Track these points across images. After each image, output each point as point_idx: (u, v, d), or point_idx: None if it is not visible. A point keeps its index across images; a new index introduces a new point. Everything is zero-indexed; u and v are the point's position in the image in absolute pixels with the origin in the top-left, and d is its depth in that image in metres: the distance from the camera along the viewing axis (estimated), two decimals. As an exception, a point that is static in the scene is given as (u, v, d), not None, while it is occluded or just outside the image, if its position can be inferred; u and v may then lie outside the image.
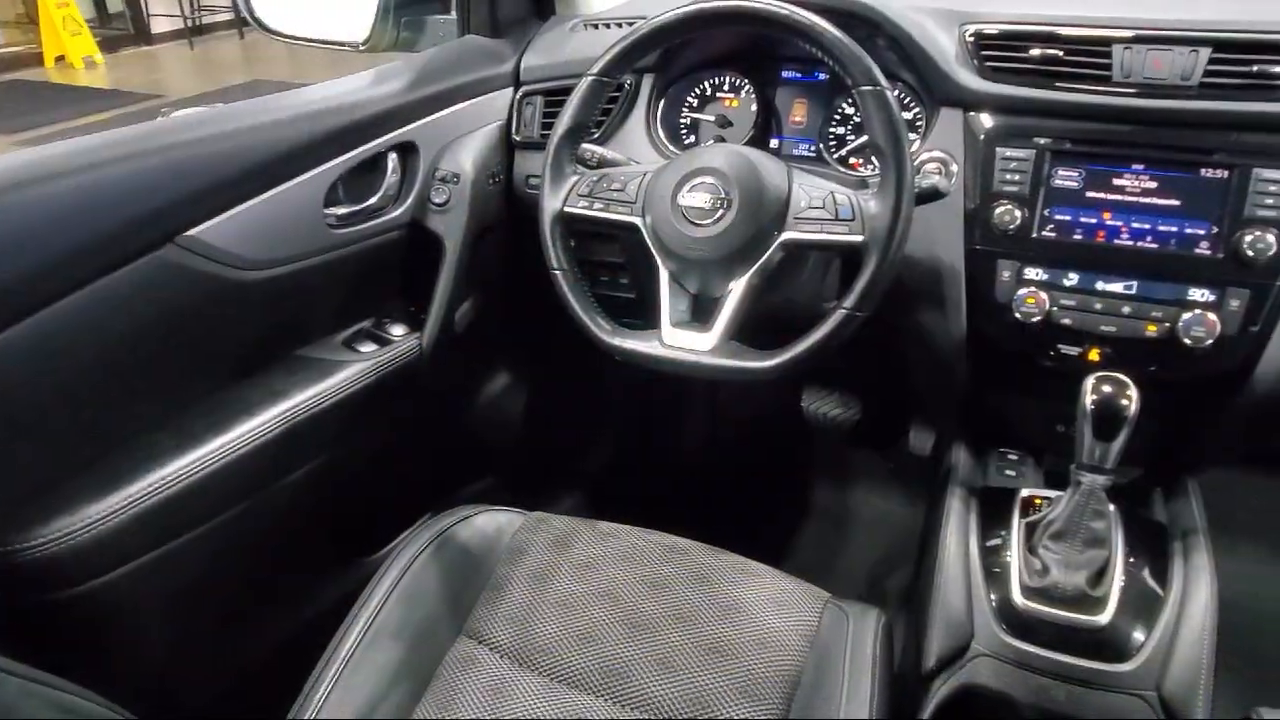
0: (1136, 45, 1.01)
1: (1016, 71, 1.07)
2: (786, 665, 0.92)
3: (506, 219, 1.38)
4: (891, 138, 0.92)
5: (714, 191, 0.98)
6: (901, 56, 1.14)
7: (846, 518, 1.76)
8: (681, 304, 1.04)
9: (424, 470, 1.48)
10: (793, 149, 1.29)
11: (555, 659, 0.93)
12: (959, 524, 1.08)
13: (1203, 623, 0.95)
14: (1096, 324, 1.03)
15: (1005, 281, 1.07)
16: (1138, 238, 1.02)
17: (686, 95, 1.34)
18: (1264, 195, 0.96)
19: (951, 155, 1.11)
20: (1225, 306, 0.98)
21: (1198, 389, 1.06)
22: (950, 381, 1.20)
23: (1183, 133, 1.01)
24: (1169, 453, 1.18)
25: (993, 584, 1.01)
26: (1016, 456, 1.23)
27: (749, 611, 0.97)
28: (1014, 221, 1.05)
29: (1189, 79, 0.99)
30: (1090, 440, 0.92)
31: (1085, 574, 0.95)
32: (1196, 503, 1.13)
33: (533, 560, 1.04)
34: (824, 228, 0.95)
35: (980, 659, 0.96)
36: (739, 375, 0.98)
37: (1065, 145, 1.04)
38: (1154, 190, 1.01)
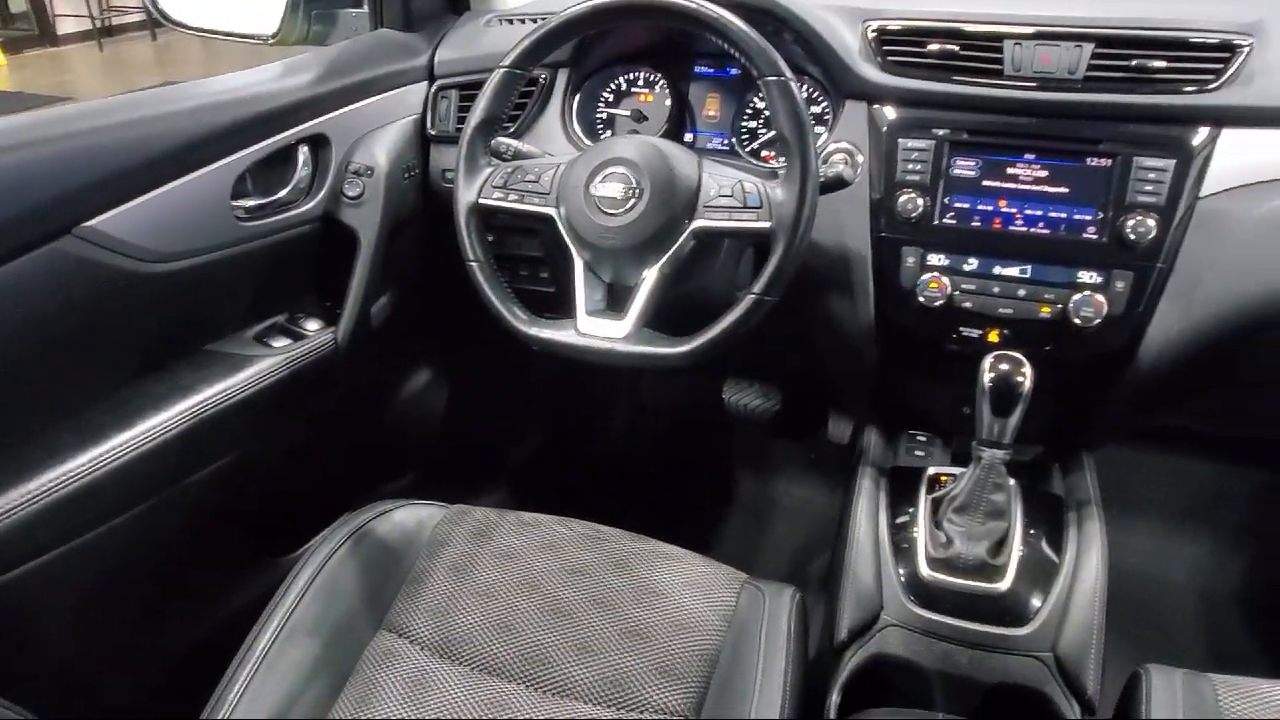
0: (1026, 41, 1.06)
1: (916, 66, 1.11)
2: (705, 645, 0.93)
3: (423, 213, 1.37)
4: (795, 127, 0.95)
5: (626, 181, 0.99)
6: (808, 51, 1.17)
7: (769, 506, 1.80)
8: (597, 293, 1.05)
9: (344, 467, 1.46)
10: (707, 143, 1.32)
11: (476, 649, 0.93)
12: (869, 503, 1.11)
13: (1094, 587, 1.00)
14: (995, 307, 1.08)
15: (909, 267, 1.11)
16: (1031, 224, 1.07)
17: (602, 90, 1.36)
18: (1143, 182, 1.02)
19: (857, 146, 1.14)
20: (1111, 288, 1.04)
21: (1089, 367, 1.12)
22: (861, 366, 1.23)
23: (1070, 124, 1.06)
24: (1066, 430, 1.24)
25: (901, 558, 1.04)
26: (926, 438, 1.27)
27: (668, 594, 0.98)
28: (916, 210, 1.09)
29: (1075, 73, 1.04)
30: (989, 416, 0.96)
31: (986, 544, 0.99)
32: (1091, 477, 1.19)
33: (453, 552, 1.04)
34: (733, 215, 0.98)
35: (889, 629, 0.99)
36: (652, 362, 1.00)
37: (963, 136, 1.09)
38: (1045, 178, 1.06)
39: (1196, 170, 1.01)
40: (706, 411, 1.84)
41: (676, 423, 1.95)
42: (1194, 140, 1.02)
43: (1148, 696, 0.85)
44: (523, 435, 1.93)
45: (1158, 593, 1.56)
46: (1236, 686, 0.86)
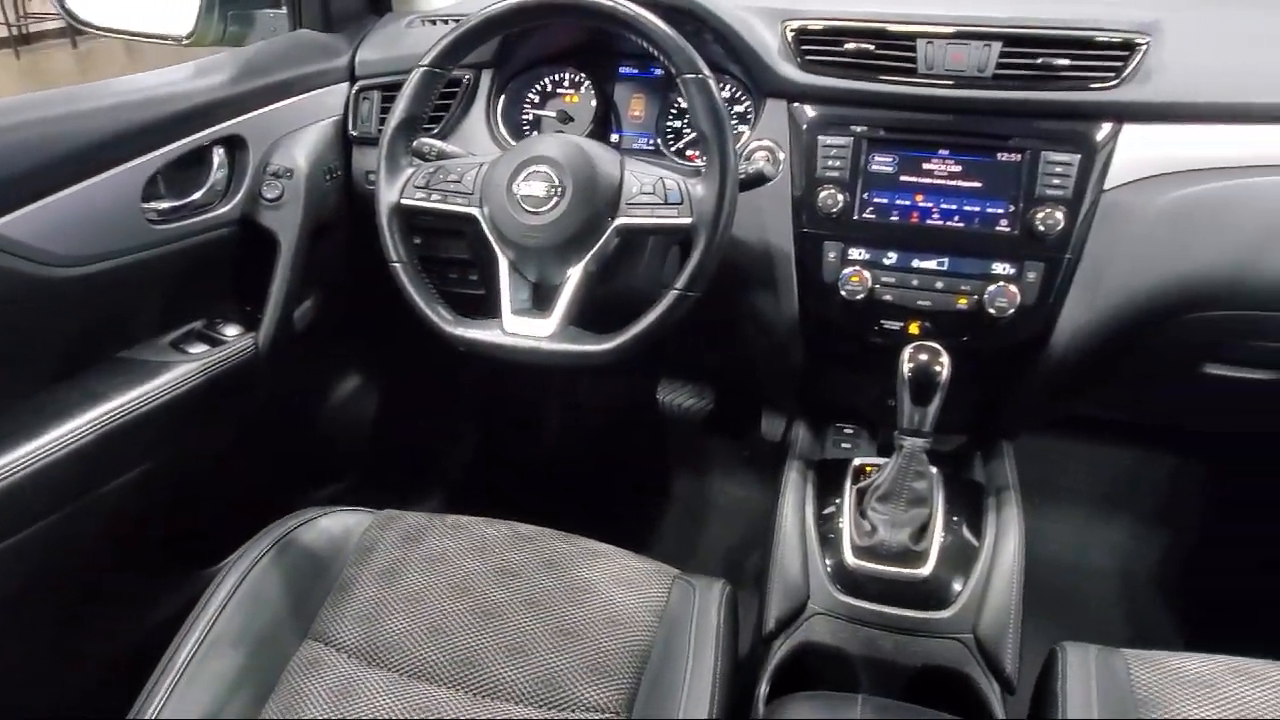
0: (938, 40, 1.09)
1: (834, 65, 1.13)
2: (636, 641, 0.94)
3: (346, 215, 1.35)
4: (714, 124, 0.96)
5: (548, 180, 0.99)
6: (728, 50, 1.19)
7: (704, 504, 1.81)
8: (523, 293, 1.05)
9: (270, 474, 1.43)
10: (632, 143, 1.33)
11: (404, 654, 0.92)
12: (796, 495, 1.13)
13: (1011, 570, 1.03)
14: (914, 299, 1.11)
15: (831, 262, 1.13)
16: (947, 218, 1.09)
17: (527, 91, 1.35)
18: (1051, 176, 1.05)
19: (778, 144, 1.16)
20: (1024, 279, 1.07)
21: (1005, 357, 1.15)
22: (788, 361, 1.25)
23: (981, 120, 1.09)
24: (986, 420, 1.28)
25: (828, 548, 1.06)
26: (852, 430, 1.30)
27: (599, 592, 0.98)
28: (836, 205, 1.11)
29: (984, 70, 1.07)
30: (909, 406, 0.98)
31: (909, 531, 1.01)
32: (1010, 464, 1.22)
33: (381, 558, 1.03)
34: (654, 212, 0.98)
35: (816, 617, 1.01)
36: (578, 359, 1.00)
37: (880, 133, 1.11)
38: (959, 173, 1.09)
39: (1100, 164, 1.05)
40: (641, 412, 1.84)
41: (611, 423, 1.96)
42: (1097, 135, 1.05)
43: (1063, 672, 0.87)
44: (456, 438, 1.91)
45: (1078, 576, 1.61)
46: (1146, 659, 0.89)
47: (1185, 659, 0.89)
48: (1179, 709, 0.83)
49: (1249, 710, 0.82)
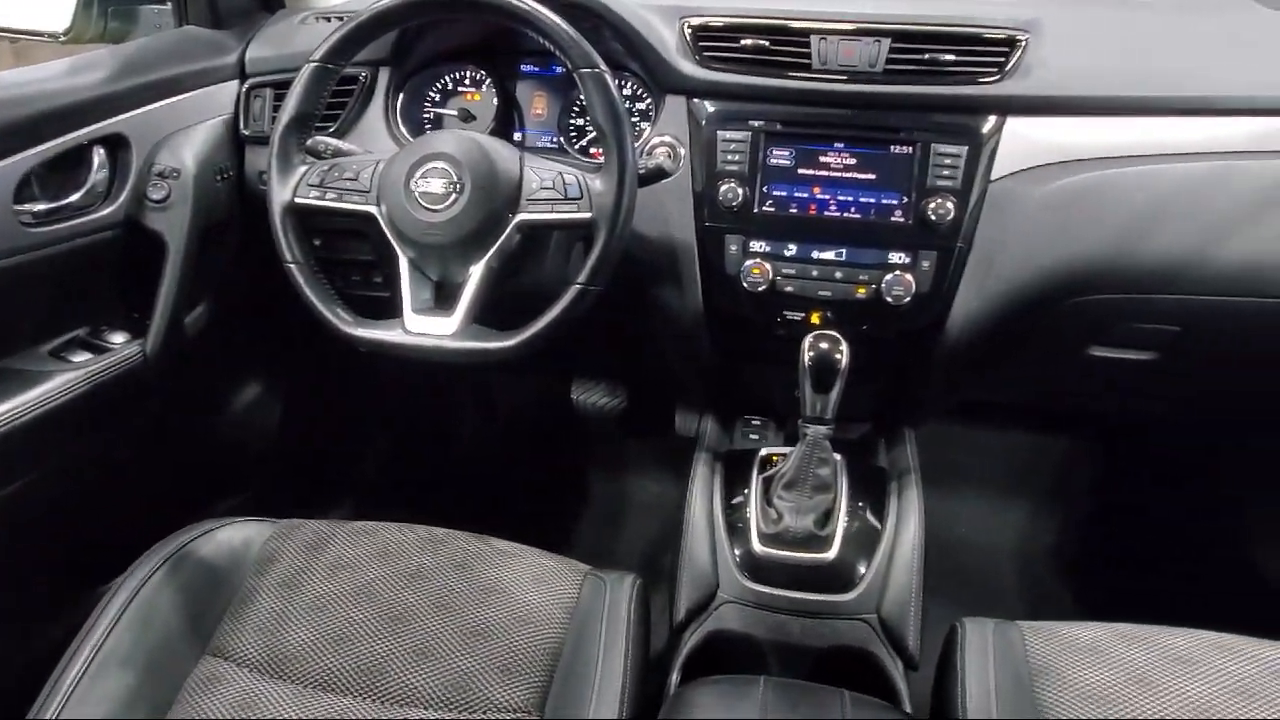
0: (830, 36, 1.11)
1: (731, 60, 1.14)
2: (548, 639, 0.93)
3: (240, 217, 1.31)
4: (611, 118, 0.96)
5: (447, 176, 0.98)
6: (627, 47, 1.19)
7: (621, 502, 1.81)
8: (424, 291, 1.04)
9: (168, 487, 1.37)
10: (535, 141, 1.32)
11: (308, 665, 0.89)
12: (704, 486, 1.14)
13: (912, 551, 1.06)
14: (815, 289, 1.13)
15: (733, 254, 1.14)
16: (844, 209, 1.12)
17: (427, 89, 1.33)
18: (941, 167, 1.09)
19: (679, 139, 1.17)
20: (919, 267, 1.10)
21: (904, 344, 1.18)
22: (695, 355, 1.26)
23: (874, 114, 1.12)
24: (889, 408, 1.31)
25: (736, 537, 1.07)
26: (760, 422, 1.32)
27: (509, 592, 0.97)
28: (737, 198, 1.12)
29: (875, 66, 1.10)
30: (811, 394, 1.00)
31: (814, 517, 1.03)
32: (912, 450, 1.26)
33: (283, 567, 1.00)
34: (554, 207, 0.98)
35: (725, 606, 1.02)
36: (481, 356, 0.99)
37: (777, 127, 1.13)
38: (854, 166, 1.12)
39: (987, 156, 1.09)
40: (555, 412, 1.84)
41: (527, 425, 1.94)
42: (983, 128, 1.09)
43: (963, 646, 0.90)
44: (367, 444, 1.87)
45: (982, 556, 1.67)
46: (1041, 630, 0.92)
47: (1077, 628, 0.93)
48: (1071, 674, 0.87)
49: (1135, 671, 0.86)
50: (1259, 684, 0.84)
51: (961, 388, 1.37)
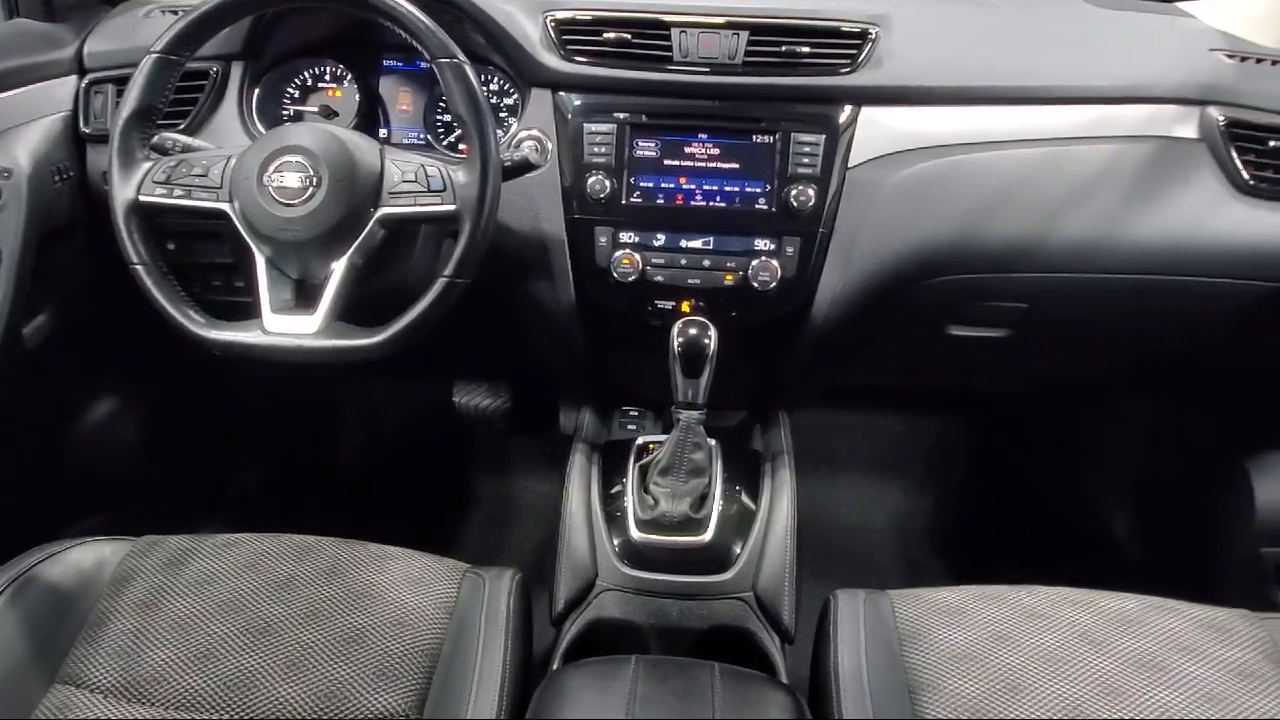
0: (690, 29, 1.13)
1: (594, 54, 1.15)
2: (426, 641, 0.91)
3: (84, 220, 1.23)
4: (471, 108, 0.95)
5: (302, 170, 0.95)
6: (490, 40, 1.18)
7: (508, 503, 1.79)
8: (284, 290, 1.00)
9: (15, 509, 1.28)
10: (402, 138, 1.30)
11: (169, 685, 0.85)
12: (581, 478, 1.14)
13: (785, 530, 1.09)
14: (684, 278, 1.14)
15: (603, 246, 1.15)
16: (710, 198, 1.14)
17: (285, 85, 1.29)
18: (801, 155, 1.12)
19: (546, 133, 1.17)
20: (783, 253, 1.13)
21: (773, 329, 1.21)
22: (571, 348, 1.26)
23: (735, 105, 1.14)
24: (763, 393, 1.34)
25: (614, 525, 1.08)
26: (638, 412, 1.33)
27: (384, 595, 0.95)
28: (605, 190, 1.13)
29: (734, 58, 1.12)
30: (682, 379, 1.02)
31: (689, 501, 1.04)
32: (785, 433, 1.29)
33: (141, 586, 0.94)
34: (417, 200, 0.97)
35: (605, 594, 1.02)
36: (346, 355, 0.96)
37: (642, 119, 1.14)
38: (718, 156, 1.14)
39: (844, 144, 1.13)
40: (438, 415, 1.80)
41: (409, 431, 1.90)
42: (840, 118, 1.13)
43: (835, 617, 0.93)
44: (243, 457, 1.79)
45: (859, 535, 1.73)
46: (908, 596, 0.96)
47: (942, 592, 0.97)
48: (937, 635, 0.91)
49: (993, 627, 0.91)
50: (1101, 631, 0.90)
51: (832, 371, 1.41)
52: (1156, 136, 1.14)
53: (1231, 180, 1.12)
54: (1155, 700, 0.83)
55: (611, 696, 0.75)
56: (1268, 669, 0.86)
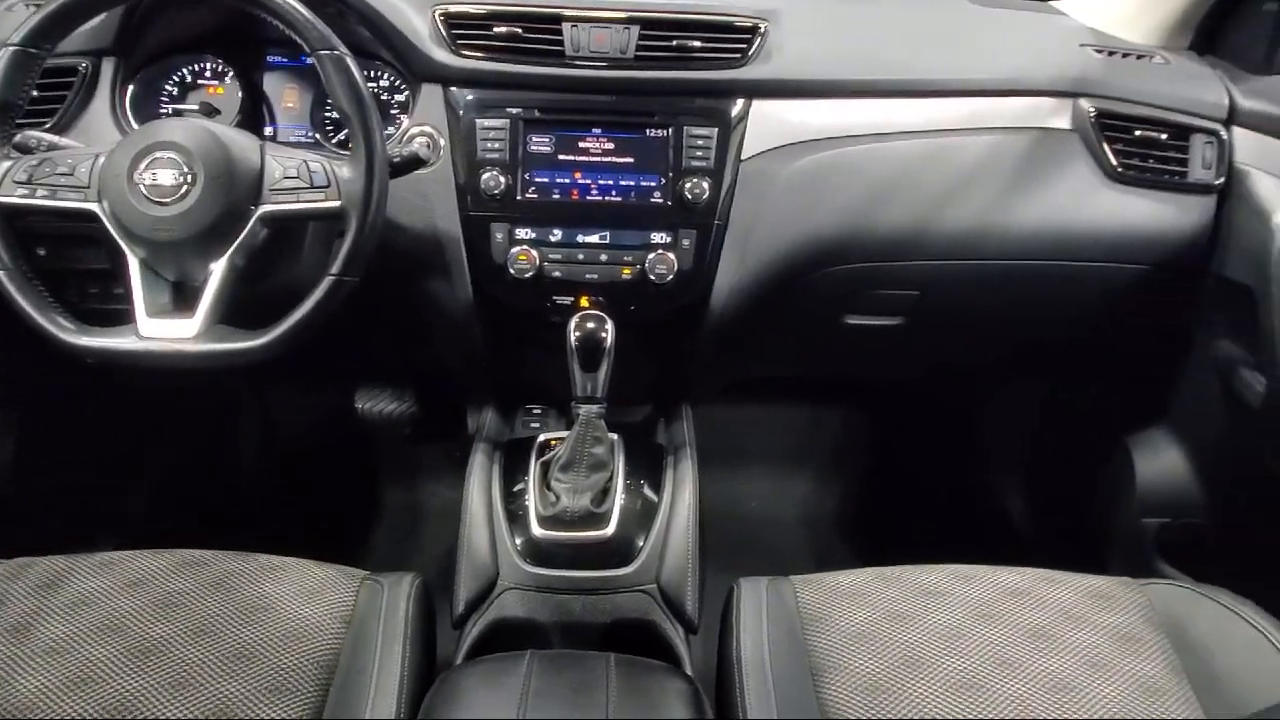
0: (581, 24, 1.12)
1: (485, 48, 1.14)
2: (321, 652, 0.88)
3: None
4: (354, 101, 0.93)
5: (176, 167, 0.91)
6: (376, 34, 1.16)
7: (417, 509, 1.75)
8: (162, 294, 0.96)
9: None
10: (289, 135, 1.26)
11: (44, 713, 0.80)
12: (482, 477, 1.13)
13: (687, 521, 1.09)
14: (582, 273, 1.14)
15: (499, 243, 1.14)
16: (605, 193, 1.14)
17: (163, 82, 1.24)
18: (695, 149, 1.13)
19: (438, 129, 1.15)
20: (680, 246, 1.14)
21: (674, 322, 1.22)
22: (471, 347, 1.24)
23: (629, 99, 1.15)
24: (666, 388, 1.34)
25: (516, 524, 1.07)
26: (541, 410, 1.32)
27: (277, 608, 0.92)
28: (499, 186, 1.11)
29: (626, 52, 1.12)
30: (580, 374, 1.01)
31: (591, 495, 1.04)
32: (688, 425, 1.30)
33: (12, 611, 0.89)
34: (300, 197, 0.94)
35: (507, 593, 1.01)
36: (228, 359, 0.92)
37: (535, 114, 1.13)
38: (613, 150, 1.14)
39: (737, 137, 1.15)
40: (341, 423, 1.75)
41: (311, 439, 1.84)
42: (732, 111, 1.14)
43: (738, 605, 0.93)
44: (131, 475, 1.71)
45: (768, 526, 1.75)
46: (810, 581, 0.98)
47: (842, 575, 0.98)
48: (838, 618, 0.92)
49: (892, 606, 0.93)
50: (995, 605, 0.93)
51: (735, 364, 1.42)
52: (1033, 128, 1.19)
53: (1103, 168, 1.17)
54: (1045, 668, 0.86)
55: (504, 693, 0.74)
56: (1147, 632, 0.90)
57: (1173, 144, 1.18)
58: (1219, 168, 1.17)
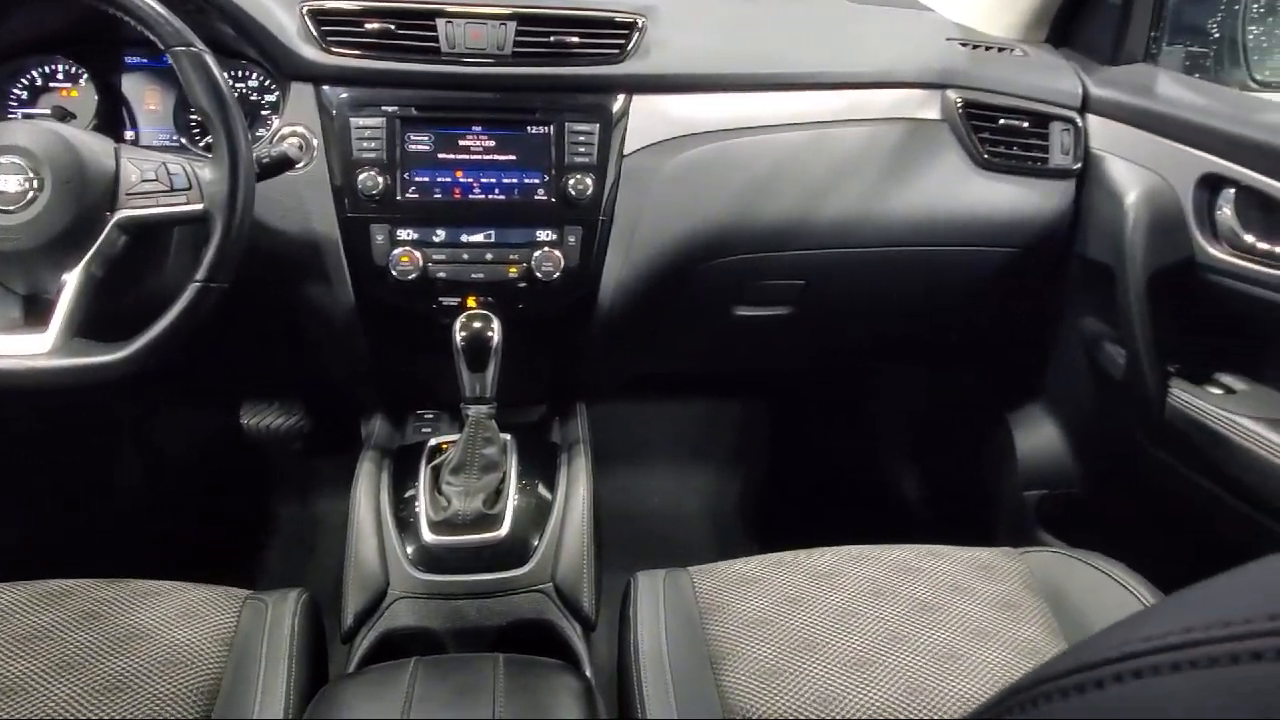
0: (456, 20, 1.10)
1: (357, 45, 1.10)
2: (201, 678, 0.84)
3: None
4: (215, 99, 0.89)
5: (20, 172, 0.86)
6: (241, 33, 1.11)
7: (310, 526, 1.69)
8: (12, 308, 0.90)
9: None
10: (152, 140, 1.19)
11: None
12: (369, 486, 1.09)
13: (582, 518, 1.08)
14: (467, 273, 1.12)
15: (380, 245, 1.10)
16: (488, 191, 1.12)
17: (10, 86, 1.16)
18: (577, 145, 1.12)
19: (310, 129, 1.11)
20: (566, 243, 1.13)
21: (564, 320, 1.21)
22: (355, 353, 1.21)
23: (508, 96, 1.13)
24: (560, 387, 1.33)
25: (406, 531, 1.04)
26: (433, 415, 1.29)
27: (152, 635, 0.87)
28: (378, 187, 1.08)
29: (503, 49, 1.11)
30: (468, 374, 0.99)
31: (483, 497, 1.02)
32: (582, 423, 1.29)
33: None
34: (159, 201, 0.89)
35: (398, 602, 0.98)
36: (86, 375, 0.87)
37: (412, 112, 1.10)
38: (494, 148, 1.12)
39: (619, 132, 1.14)
40: (227, 440, 1.68)
41: (195, 458, 1.75)
42: (613, 107, 1.14)
43: (636, 598, 0.93)
44: None
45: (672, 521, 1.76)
46: (707, 571, 0.98)
47: (739, 563, 0.99)
48: (735, 606, 0.93)
49: (788, 591, 0.94)
50: (885, 583, 0.95)
51: (629, 361, 1.42)
52: (906, 118, 1.23)
53: (971, 156, 1.22)
54: (933, 640, 0.88)
55: (385, 703, 0.72)
56: (1027, 598, 0.94)
57: (1034, 132, 1.23)
58: (1076, 153, 1.23)
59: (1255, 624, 0.18)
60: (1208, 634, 0.19)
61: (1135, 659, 0.21)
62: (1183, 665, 0.19)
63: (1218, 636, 0.19)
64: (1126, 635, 0.22)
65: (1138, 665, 0.21)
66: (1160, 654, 0.20)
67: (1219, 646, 0.19)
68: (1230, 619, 0.19)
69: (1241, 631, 0.18)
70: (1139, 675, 0.21)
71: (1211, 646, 0.19)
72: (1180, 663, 0.19)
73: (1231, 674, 0.18)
